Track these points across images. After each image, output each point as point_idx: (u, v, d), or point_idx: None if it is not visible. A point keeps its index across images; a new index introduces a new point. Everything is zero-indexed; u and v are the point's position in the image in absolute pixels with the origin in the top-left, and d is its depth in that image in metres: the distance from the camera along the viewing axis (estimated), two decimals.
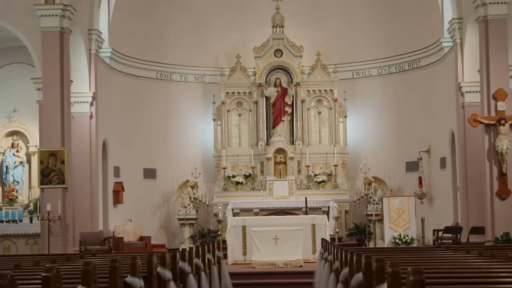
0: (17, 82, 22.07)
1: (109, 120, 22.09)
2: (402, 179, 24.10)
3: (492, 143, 17.46)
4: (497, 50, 17.48)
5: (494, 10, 17.55)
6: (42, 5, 17.88)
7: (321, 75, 24.42)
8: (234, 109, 24.67)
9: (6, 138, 22.69)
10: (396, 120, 24.46)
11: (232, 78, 24.59)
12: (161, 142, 24.60)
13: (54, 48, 17.89)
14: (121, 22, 22.87)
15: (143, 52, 24.11)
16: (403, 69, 24.32)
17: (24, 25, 18.21)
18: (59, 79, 17.89)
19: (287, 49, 24.39)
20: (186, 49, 25.00)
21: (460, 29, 20.11)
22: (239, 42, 25.13)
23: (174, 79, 25.06)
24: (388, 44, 24.48)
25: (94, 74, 20.77)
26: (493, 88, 17.51)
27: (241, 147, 24.58)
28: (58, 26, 17.93)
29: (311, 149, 24.11)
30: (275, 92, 24.47)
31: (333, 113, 24.34)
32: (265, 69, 24.45)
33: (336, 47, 25.13)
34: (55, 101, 17.87)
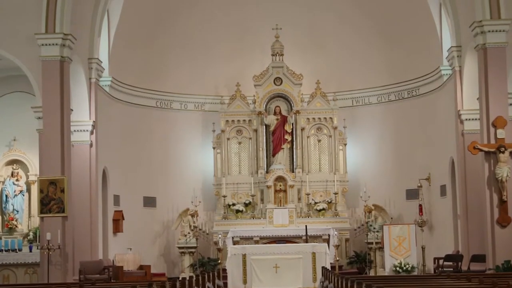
0: (17, 111, 22.10)
1: (109, 148, 22.09)
2: (402, 207, 24.06)
3: (492, 171, 17.46)
4: (496, 77, 17.54)
5: (493, 38, 17.64)
6: (43, 34, 17.95)
7: (321, 103, 24.48)
8: (234, 137, 24.70)
9: (6, 167, 22.68)
10: (396, 148, 24.47)
11: (232, 106, 24.65)
12: (161, 170, 24.58)
13: (54, 77, 17.94)
14: (121, 50, 22.95)
15: (143, 81, 24.17)
16: (402, 97, 24.37)
17: (24, 54, 18.27)
18: (59, 108, 17.92)
19: (287, 77, 24.46)
20: (186, 78, 25.07)
21: (459, 57, 20.19)
22: (239, 70, 25.21)
23: (174, 107, 25.10)
24: (388, 72, 24.55)
25: (94, 103, 20.80)
26: (492, 116, 17.54)
27: (241, 175, 24.57)
28: (58, 55, 17.99)
29: (311, 177, 24.10)
30: (275, 120, 24.51)
31: (332, 141, 24.36)
32: (265, 97, 24.50)
33: (336, 75, 25.21)
34: (55, 129, 17.88)
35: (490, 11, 17.70)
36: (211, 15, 24.79)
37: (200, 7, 24.55)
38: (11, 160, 22.67)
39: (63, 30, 17.99)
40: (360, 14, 24.47)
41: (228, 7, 24.74)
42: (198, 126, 25.38)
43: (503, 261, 16.81)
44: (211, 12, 24.72)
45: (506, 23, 17.61)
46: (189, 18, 24.60)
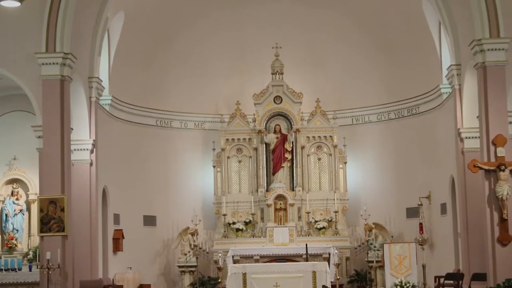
0: (17, 130, 22.13)
1: (109, 167, 22.08)
2: (402, 225, 24.03)
3: (492, 189, 17.42)
4: (495, 96, 17.54)
5: (492, 56, 17.64)
6: (43, 53, 17.97)
7: (321, 122, 24.50)
8: (234, 155, 24.71)
9: (6, 186, 22.68)
10: (396, 166, 24.47)
11: (232, 124, 24.67)
12: (161, 189, 24.56)
13: (54, 96, 17.93)
14: (121, 69, 23.00)
15: (143, 99, 24.20)
16: (402, 115, 24.39)
17: (24, 73, 18.27)
18: (60, 127, 17.90)
19: (287, 95, 24.50)
20: (186, 96, 25.10)
21: (459, 75, 20.20)
22: (238, 89, 25.26)
23: (174, 126, 25.13)
24: (387, 90, 24.60)
25: (94, 122, 20.81)
26: (492, 134, 17.52)
27: (241, 193, 24.56)
28: (58, 74, 17.99)
29: (311, 196, 24.08)
30: (275, 138, 24.52)
31: (333, 159, 24.37)
32: (265, 115, 24.53)
33: (336, 94, 25.26)
34: (55, 148, 17.86)
35: (489, 29, 17.72)
36: (211, 34, 24.86)
37: (200, 26, 24.62)
38: (11, 179, 22.68)
39: (63, 49, 18.01)
40: (360, 32, 24.54)
41: (227, 25, 24.82)
42: (198, 145, 25.39)
43: (504, 279, 16.74)
44: (210, 30, 24.79)
45: (505, 42, 17.62)
46: (189, 37, 24.67)
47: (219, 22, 24.75)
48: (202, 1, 24.10)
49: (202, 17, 24.50)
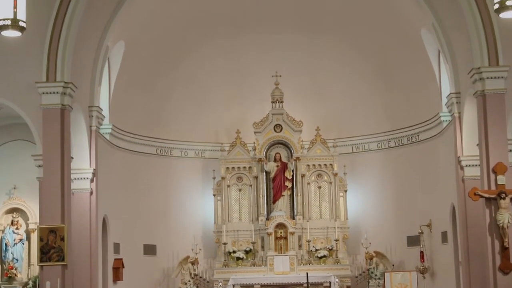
0: (17, 159, 22.13)
1: (109, 196, 22.05)
2: (403, 254, 23.95)
3: (493, 217, 17.39)
4: (495, 124, 17.56)
5: (492, 84, 17.70)
6: (44, 83, 18.01)
7: (321, 150, 24.51)
8: (234, 184, 24.69)
9: (6, 215, 22.65)
10: (397, 194, 24.45)
11: (232, 153, 24.68)
12: (161, 217, 24.52)
13: (54, 125, 17.95)
14: (121, 98, 23.05)
15: (143, 128, 24.24)
16: (402, 143, 24.41)
17: (25, 103, 18.29)
18: (60, 156, 17.90)
19: (287, 124, 24.53)
20: (186, 125, 25.15)
21: (458, 103, 20.24)
22: (239, 117, 25.30)
23: (174, 155, 25.14)
24: (387, 119, 24.63)
25: (94, 151, 20.81)
26: (492, 162, 17.52)
27: (242, 222, 24.52)
28: (59, 103, 18.02)
29: (312, 224, 24.03)
30: (275, 166, 24.52)
31: (333, 187, 24.35)
32: (265, 144, 24.55)
33: (335, 122, 25.30)
34: (55, 177, 17.85)
35: (488, 58, 17.80)
36: (211, 62, 24.95)
37: (200, 55, 24.72)
38: (11, 209, 22.66)
39: (63, 79, 18.06)
40: (359, 60, 24.62)
41: (227, 54, 24.92)
42: (199, 173, 25.38)
43: None
44: (210, 59, 24.89)
45: (504, 70, 17.69)
46: (189, 66, 24.75)
47: (219, 50, 24.85)
48: (201, 30, 24.20)
49: (201, 45, 24.59)
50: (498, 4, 11.63)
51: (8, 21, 11.84)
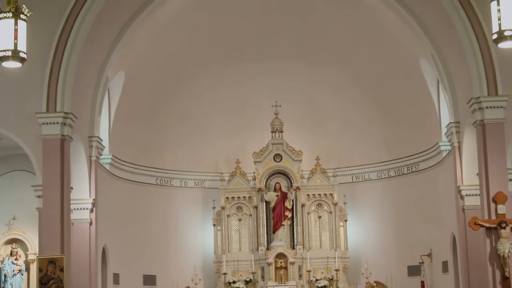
0: (17, 190, 22.10)
1: (109, 226, 22.01)
2: (404, 284, 23.83)
3: (493, 247, 17.33)
4: (495, 153, 17.57)
5: (491, 114, 17.74)
6: (44, 113, 18.06)
7: (321, 179, 24.50)
8: (234, 214, 24.64)
9: (5, 246, 22.57)
10: (397, 224, 24.39)
11: (232, 183, 24.66)
12: (161, 247, 24.44)
13: (54, 155, 17.97)
14: (121, 128, 23.08)
15: (143, 158, 24.24)
16: (402, 172, 24.40)
17: (25, 133, 18.32)
18: (59, 186, 17.90)
19: (287, 153, 24.54)
20: (185, 155, 25.15)
21: (458, 133, 20.26)
22: (238, 147, 25.31)
23: (174, 185, 25.12)
24: (387, 148, 24.64)
25: (94, 181, 20.81)
26: (492, 191, 17.51)
27: (242, 252, 24.44)
28: (59, 133, 18.06)
29: (312, 254, 23.95)
30: (275, 196, 24.49)
31: (333, 217, 24.30)
32: (265, 173, 24.54)
33: (335, 151, 25.30)
34: (55, 208, 17.84)
35: (487, 87, 17.86)
36: (211, 92, 25.01)
37: (200, 84, 24.79)
38: (10, 239, 22.58)
39: (64, 109, 18.11)
40: (359, 90, 24.68)
41: (227, 84, 24.98)
42: (198, 203, 25.35)
43: None
44: (210, 89, 24.95)
45: (503, 99, 17.74)
46: (188, 95, 24.81)
47: (219, 80, 24.92)
48: (201, 60, 24.29)
49: (201, 75, 24.67)
50: (496, 34, 11.66)
51: (8, 52, 11.86)
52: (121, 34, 20.76)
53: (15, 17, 11.87)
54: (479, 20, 17.81)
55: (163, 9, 21.66)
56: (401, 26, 21.60)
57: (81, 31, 18.26)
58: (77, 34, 18.20)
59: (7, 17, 11.88)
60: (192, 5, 22.33)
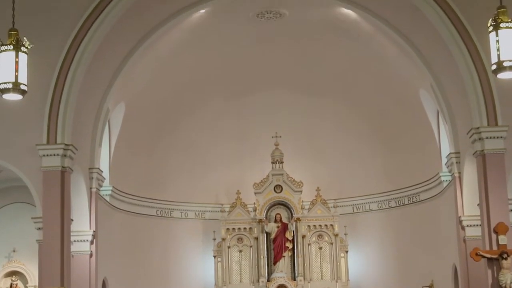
0: (17, 222, 22.09)
1: (109, 258, 21.93)
2: None
3: (495, 278, 17.27)
4: (495, 184, 17.56)
5: (491, 144, 17.75)
6: (44, 145, 18.07)
7: (321, 210, 24.46)
8: (234, 245, 24.56)
9: (5, 278, 22.49)
10: (398, 255, 24.31)
11: (233, 214, 24.62)
12: (162, 279, 24.34)
13: (55, 187, 17.96)
14: (121, 160, 23.09)
15: (143, 189, 24.22)
16: (403, 203, 24.37)
17: (25, 165, 18.32)
18: (60, 218, 17.87)
19: (287, 184, 24.52)
20: (186, 186, 25.13)
21: (458, 163, 20.26)
22: (239, 178, 25.30)
23: (174, 216, 25.08)
24: (388, 179, 24.63)
25: (94, 213, 20.77)
26: (493, 222, 17.47)
27: (242, 283, 24.33)
28: (59, 165, 18.05)
29: (313, 285, 23.85)
30: (276, 227, 24.43)
31: (334, 248, 24.22)
32: (265, 204, 24.50)
33: (336, 182, 25.29)
34: (55, 240, 17.79)
35: (487, 118, 17.89)
36: (211, 123, 25.07)
37: (200, 115, 24.85)
38: (10, 272, 22.53)
39: (64, 141, 18.12)
40: (359, 121, 24.74)
41: (227, 115, 25.06)
42: (199, 235, 25.29)
43: None
44: (210, 120, 25.01)
45: (503, 130, 17.76)
46: (188, 127, 24.86)
47: (219, 111, 24.99)
48: (201, 91, 24.37)
49: (201, 107, 24.74)
50: (495, 65, 11.69)
51: (9, 84, 11.89)
52: (122, 66, 20.83)
53: (16, 49, 11.92)
54: (478, 51, 17.89)
55: (163, 41, 21.76)
56: (401, 57, 21.69)
57: (81, 63, 18.33)
58: (78, 66, 18.27)
59: (8, 50, 11.93)
60: (192, 37, 22.43)
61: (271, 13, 22.11)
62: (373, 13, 20.42)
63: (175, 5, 20.31)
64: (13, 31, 12.01)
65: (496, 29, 11.62)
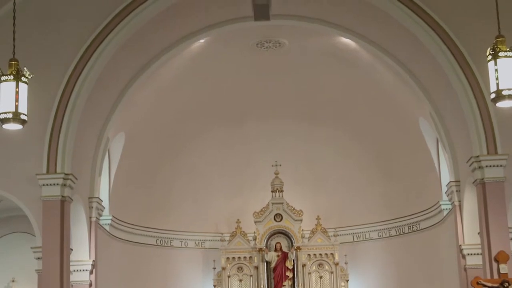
0: (16, 252, 22.04)
1: (108, 287, 21.84)
2: None
3: None
4: (496, 212, 17.53)
5: (491, 173, 17.73)
6: (44, 174, 18.05)
7: (322, 239, 24.40)
8: (234, 274, 24.47)
9: None
10: (399, 283, 24.21)
11: (233, 243, 24.55)
12: None
13: (54, 217, 17.90)
14: (121, 189, 23.08)
15: (143, 219, 24.18)
16: (403, 232, 24.32)
17: (25, 195, 18.27)
18: (59, 248, 17.80)
19: (287, 213, 24.48)
20: (186, 215, 25.10)
21: (458, 191, 20.25)
22: (239, 207, 25.28)
23: (174, 245, 25.00)
24: (388, 207, 24.61)
25: (94, 242, 20.71)
26: (494, 251, 17.41)
27: None
28: (59, 195, 18.01)
29: None
30: (276, 256, 24.36)
31: (334, 277, 24.13)
32: (265, 233, 24.45)
33: (336, 211, 25.26)
34: (54, 270, 17.70)
35: (486, 146, 17.89)
36: (210, 153, 25.09)
37: (199, 145, 24.88)
38: None
39: (64, 170, 18.11)
40: (359, 149, 24.77)
41: (226, 144, 25.08)
42: (199, 264, 25.20)
43: None
44: (210, 149, 25.04)
45: (503, 158, 17.75)
46: (188, 156, 24.88)
47: (218, 140, 25.02)
48: (201, 121, 24.41)
49: (201, 136, 24.78)
50: (494, 93, 11.71)
51: (9, 114, 11.88)
52: (122, 95, 20.89)
53: (17, 79, 11.92)
54: (477, 80, 17.93)
55: (163, 70, 21.84)
56: (400, 85, 21.76)
57: (82, 93, 18.36)
58: (78, 96, 18.29)
59: (8, 80, 11.95)
60: (192, 66, 22.53)
61: (270, 42, 22.25)
62: (372, 42, 20.52)
63: (176, 35, 20.41)
64: (14, 61, 12.04)
65: (494, 58, 11.67)
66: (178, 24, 19.84)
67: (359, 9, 19.16)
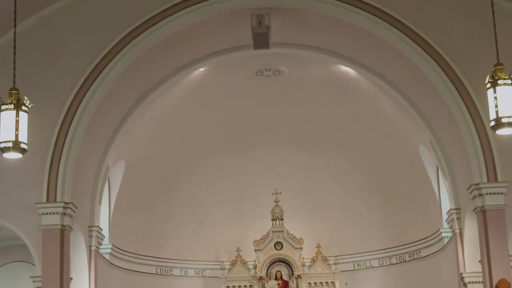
0: (16, 282, 21.92)
1: None
2: None
3: None
4: (496, 240, 17.49)
5: (491, 200, 17.70)
6: (44, 203, 18.00)
7: (322, 267, 24.34)
8: None
9: None
10: None
11: (233, 271, 24.49)
12: None
13: (54, 246, 17.83)
14: (121, 217, 23.04)
15: (143, 247, 24.11)
16: (404, 260, 24.26)
17: (25, 224, 18.21)
18: (59, 277, 17.71)
19: (287, 241, 24.44)
20: (186, 244, 25.04)
21: (459, 219, 20.20)
22: (239, 235, 25.22)
23: (174, 274, 24.93)
24: (388, 235, 24.56)
25: (94, 271, 20.61)
26: (495, 278, 17.34)
27: None
28: (59, 224, 17.95)
29: None
30: (276, 285, 24.29)
31: None
32: (266, 262, 24.39)
33: (336, 239, 25.21)
34: None
35: (487, 174, 17.88)
36: (210, 180, 25.09)
37: (199, 172, 24.88)
38: None
39: (64, 199, 18.08)
40: (359, 177, 24.76)
41: (227, 171, 25.09)
42: None
43: None
44: (210, 177, 25.04)
45: (503, 186, 17.73)
46: (188, 184, 24.87)
47: (218, 168, 25.02)
48: (201, 149, 24.44)
49: (201, 164, 24.79)
50: (493, 121, 11.74)
51: (9, 143, 11.91)
52: (122, 124, 20.92)
53: (17, 109, 11.97)
54: (477, 108, 17.95)
55: (163, 99, 21.90)
56: (400, 113, 21.80)
57: (81, 122, 18.37)
58: (78, 125, 18.30)
59: (8, 109, 11.98)
60: (192, 95, 22.60)
61: (270, 70, 22.34)
62: (371, 71, 20.59)
63: (175, 64, 20.48)
64: (14, 90, 12.08)
65: (494, 86, 11.71)
66: (178, 53, 19.92)
67: (358, 38, 19.24)
